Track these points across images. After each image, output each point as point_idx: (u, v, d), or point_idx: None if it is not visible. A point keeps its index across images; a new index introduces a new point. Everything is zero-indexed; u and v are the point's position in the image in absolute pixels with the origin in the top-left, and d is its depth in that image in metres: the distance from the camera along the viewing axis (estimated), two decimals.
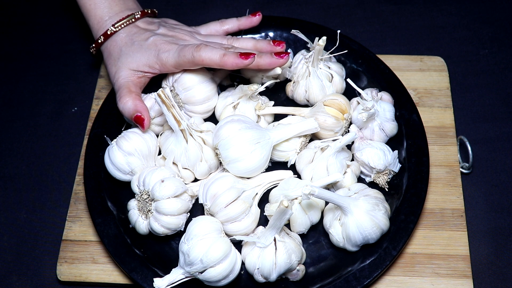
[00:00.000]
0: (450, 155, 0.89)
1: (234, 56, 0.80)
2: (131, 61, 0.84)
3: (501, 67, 1.01)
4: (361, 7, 1.10)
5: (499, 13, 1.07)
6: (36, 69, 1.04)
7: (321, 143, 0.82)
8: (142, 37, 0.85)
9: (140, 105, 0.82)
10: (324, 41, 0.83)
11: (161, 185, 0.76)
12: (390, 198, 0.82)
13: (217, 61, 0.81)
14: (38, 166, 0.94)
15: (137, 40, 0.85)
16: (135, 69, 0.85)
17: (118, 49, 0.86)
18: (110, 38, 0.87)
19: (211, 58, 0.81)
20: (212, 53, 0.80)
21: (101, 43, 0.87)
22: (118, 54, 0.85)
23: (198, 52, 0.81)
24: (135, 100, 0.82)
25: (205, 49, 0.81)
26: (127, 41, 0.85)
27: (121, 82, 0.84)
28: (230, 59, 0.80)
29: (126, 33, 0.86)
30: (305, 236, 0.80)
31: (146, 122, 0.82)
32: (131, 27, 0.87)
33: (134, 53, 0.84)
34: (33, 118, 0.99)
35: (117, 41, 0.86)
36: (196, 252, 0.72)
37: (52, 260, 0.85)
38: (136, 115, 0.82)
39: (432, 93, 0.95)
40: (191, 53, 0.81)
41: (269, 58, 0.82)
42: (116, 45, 0.86)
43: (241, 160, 0.78)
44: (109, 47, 0.87)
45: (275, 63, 0.83)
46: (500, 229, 0.86)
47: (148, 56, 0.84)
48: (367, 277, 0.76)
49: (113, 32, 0.86)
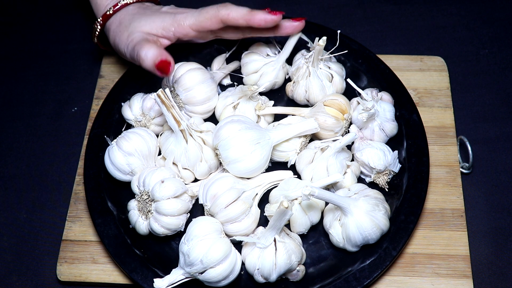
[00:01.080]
0: (450, 155, 0.89)
1: (263, 11, 0.80)
2: (144, 24, 0.83)
3: (501, 67, 1.01)
4: (361, 7, 1.09)
5: (499, 13, 1.07)
6: (36, 69, 1.04)
7: (321, 143, 0.82)
8: (155, 8, 0.86)
9: (165, 52, 0.80)
10: (324, 41, 0.83)
11: (161, 186, 0.76)
12: (390, 198, 0.82)
13: (245, 15, 0.80)
14: (38, 166, 0.94)
15: (150, 9, 0.85)
16: (149, 31, 0.83)
17: (129, 17, 0.85)
18: (120, 11, 0.86)
19: (238, 12, 0.80)
20: (239, 8, 0.81)
21: (110, 15, 0.86)
22: (130, 20, 0.84)
23: (224, 7, 0.81)
24: (159, 47, 0.81)
25: (231, 5, 0.81)
26: (139, 10, 0.85)
27: (137, 39, 0.83)
28: (258, 13, 0.80)
29: (137, 6, 0.86)
30: (305, 236, 0.80)
31: (172, 66, 0.80)
32: (140, 3, 0.87)
33: (149, 16, 0.84)
34: (33, 118, 0.99)
35: (128, 10, 0.86)
36: (196, 253, 0.72)
37: (52, 260, 0.85)
38: (162, 60, 0.79)
39: (432, 93, 0.95)
40: (215, 8, 0.81)
41: (262, 12, 0.81)
42: (127, 14, 0.85)
43: (241, 160, 0.78)
44: (119, 17, 0.86)
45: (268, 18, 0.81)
46: (500, 229, 0.86)
47: (163, 19, 0.83)
48: (367, 277, 0.76)
49: (123, 4, 0.86)
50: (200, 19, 0.82)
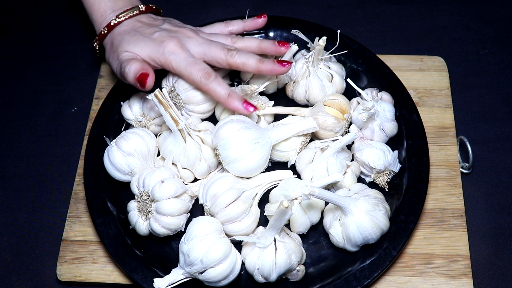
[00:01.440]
0: (450, 155, 0.89)
1: (271, 62, 0.81)
2: (134, 47, 0.83)
3: (501, 67, 1.01)
4: (361, 7, 1.10)
5: (499, 13, 1.07)
6: (36, 69, 1.04)
7: (321, 143, 0.82)
8: (147, 31, 0.85)
9: (147, 66, 0.81)
10: (324, 41, 0.83)
11: (161, 186, 0.76)
12: (390, 198, 0.82)
13: (254, 66, 0.81)
14: (38, 166, 0.94)
15: (142, 33, 0.84)
16: (138, 54, 0.83)
17: (120, 38, 0.85)
18: (113, 30, 0.86)
19: (247, 63, 0.81)
20: (247, 58, 0.81)
21: (105, 35, 0.87)
22: (120, 41, 0.84)
23: (233, 57, 0.81)
24: (142, 64, 0.81)
25: (239, 54, 0.82)
26: (131, 31, 0.85)
27: (125, 57, 0.83)
28: (267, 66, 0.81)
29: (130, 26, 0.86)
30: (305, 236, 0.80)
31: (150, 79, 0.80)
32: (135, 21, 0.86)
33: (138, 41, 0.83)
34: (33, 118, 0.99)
35: (121, 31, 0.85)
36: (196, 253, 0.72)
37: (52, 260, 0.85)
38: (141, 73, 0.80)
39: (432, 93, 0.95)
40: (224, 55, 0.82)
41: (271, 65, 0.82)
42: (119, 34, 0.85)
43: (241, 160, 0.78)
44: (112, 37, 0.86)
45: (277, 70, 0.82)
46: (500, 229, 0.86)
47: (152, 48, 0.83)
48: (367, 277, 0.76)
49: (116, 23, 0.86)
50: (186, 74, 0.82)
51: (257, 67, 0.81)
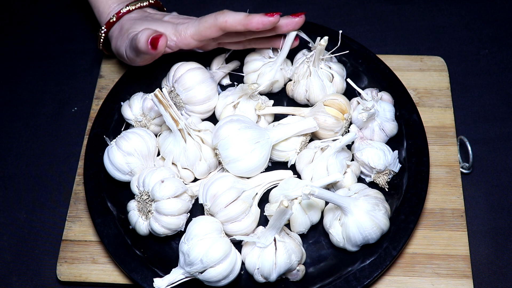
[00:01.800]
0: (450, 155, 0.89)
1: (259, 15, 0.81)
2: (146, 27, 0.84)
3: (501, 67, 1.01)
4: (361, 7, 1.10)
5: (499, 13, 1.07)
6: (36, 69, 1.04)
7: (321, 143, 0.82)
8: (156, 16, 0.87)
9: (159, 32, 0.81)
10: (326, 41, 0.83)
11: (161, 186, 0.76)
12: (390, 198, 0.82)
13: (242, 20, 0.81)
14: (38, 166, 0.94)
15: (152, 17, 0.86)
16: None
17: (131, 21, 0.86)
18: (122, 17, 0.87)
19: (235, 18, 0.81)
20: (236, 14, 0.81)
21: (113, 22, 0.87)
22: (131, 25, 0.86)
23: (222, 14, 0.81)
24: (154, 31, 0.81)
25: (228, 12, 0.81)
26: (141, 17, 0.86)
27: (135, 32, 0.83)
28: (255, 17, 0.81)
29: (139, 14, 0.87)
30: (305, 236, 0.80)
31: (163, 40, 0.79)
32: (143, 11, 0.88)
33: (150, 23, 0.85)
34: (33, 118, 0.99)
35: (130, 17, 0.87)
36: (196, 252, 0.72)
37: (52, 260, 0.85)
38: (154, 35, 0.80)
39: (432, 93, 0.95)
40: (213, 16, 0.82)
41: (258, 16, 0.81)
42: (129, 20, 0.86)
43: (241, 159, 0.78)
44: (122, 23, 0.87)
45: (266, 21, 0.81)
46: (500, 229, 0.86)
47: (165, 28, 0.84)
48: (367, 277, 0.76)
49: (125, 11, 0.87)
50: (200, 29, 0.83)
51: (245, 19, 0.81)
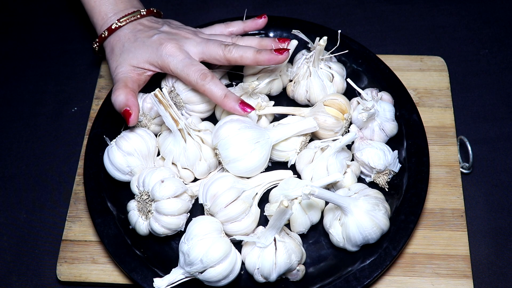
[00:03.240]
0: (450, 155, 0.89)
1: (269, 52, 0.81)
2: (132, 57, 0.84)
3: (501, 67, 1.01)
4: (361, 7, 1.10)
5: (499, 13, 1.07)
6: (36, 69, 1.04)
7: (321, 143, 0.82)
8: (146, 34, 0.85)
9: (132, 100, 0.81)
10: (325, 41, 0.83)
11: (161, 186, 0.76)
12: (390, 198, 0.82)
13: (252, 58, 0.81)
14: (38, 166, 0.94)
15: (141, 36, 0.85)
16: (135, 65, 0.84)
17: (120, 45, 0.85)
18: (114, 33, 0.86)
19: (244, 55, 0.81)
20: (244, 51, 0.81)
21: (105, 37, 0.87)
22: (120, 50, 0.85)
23: (230, 52, 0.81)
24: (128, 94, 0.82)
25: (236, 48, 0.81)
26: (130, 37, 0.85)
27: (119, 76, 0.84)
28: (265, 55, 0.81)
29: (130, 29, 0.86)
30: (305, 236, 0.80)
31: (133, 117, 0.81)
32: (136, 24, 0.87)
33: (136, 49, 0.84)
34: (33, 118, 0.99)
35: (121, 36, 0.86)
36: (196, 252, 0.72)
37: (52, 260, 0.85)
38: (125, 109, 0.81)
39: (432, 93, 0.95)
40: (222, 51, 0.82)
41: (268, 54, 0.81)
42: (119, 41, 0.86)
43: (241, 159, 0.78)
44: (112, 42, 0.86)
45: (275, 59, 0.81)
46: (500, 229, 0.86)
47: (150, 53, 0.83)
48: (367, 277, 0.76)
49: (117, 27, 0.86)
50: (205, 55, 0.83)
51: (255, 58, 0.81)
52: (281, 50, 0.81)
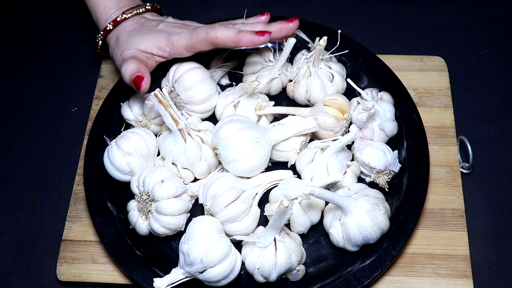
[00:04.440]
0: (450, 155, 0.89)
1: (250, 33, 0.80)
2: (139, 42, 0.84)
3: (501, 67, 1.01)
4: (361, 7, 1.10)
5: (499, 13, 1.07)
6: (36, 69, 1.04)
7: (321, 143, 0.82)
8: (151, 24, 0.86)
9: (144, 68, 0.81)
10: (325, 41, 0.83)
11: (161, 186, 0.76)
12: (390, 198, 0.82)
13: (232, 37, 0.80)
14: (38, 166, 0.94)
15: (147, 26, 0.85)
16: (143, 49, 0.84)
17: (126, 33, 0.86)
18: (119, 25, 0.87)
19: (226, 35, 0.80)
20: (227, 30, 0.80)
21: (110, 30, 0.87)
22: (126, 37, 0.85)
23: (213, 30, 0.81)
24: (139, 64, 0.81)
25: (219, 27, 0.81)
26: (136, 27, 0.86)
27: (127, 56, 0.84)
28: (245, 35, 0.80)
29: (135, 21, 0.87)
30: (305, 236, 0.80)
31: (145, 82, 0.80)
32: (140, 17, 0.87)
33: (144, 35, 0.84)
34: (33, 118, 0.99)
35: (126, 26, 0.86)
36: (196, 252, 0.72)
37: (52, 260, 0.85)
38: (137, 75, 0.80)
39: (432, 93, 0.95)
40: (205, 31, 0.81)
41: (248, 34, 0.80)
42: (125, 30, 0.86)
43: (241, 159, 0.78)
44: (118, 32, 0.87)
45: (256, 40, 0.80)
46: (500, 229, 0.86)
47: (158, 38, 0.83)
48: (367, 277, 0.76)
49: (122, 19, 0.86)
50: (191, 41, 0.82)
51: (235, 37, 0.80)
52: (262, 32, 0.80)
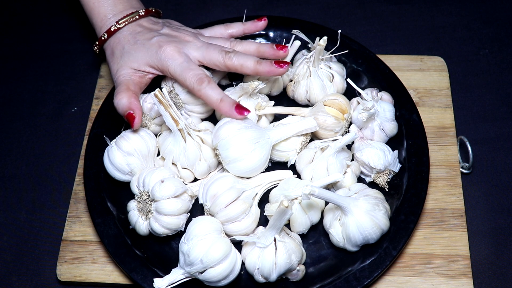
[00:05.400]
0: (450, 155, 0.89)
1: (269, 63, 0.81)
2: (132, 59, 0.84)
3: (501, 67, 1.01)
4: (361, 7, 1.10)
5: (499, 13, 1.07)
6: (36, 69, 1.04)
7: (321, 143, 0.82)
8: (145, 36, 0.85)
9: (135, 103, 0.82)
10: (325, 41, 0.83)
11: (161, 186, 0.76)
12: (390, 198, 0.82)
13: (252, 68, 0.82)
14: (38, 166, 0.94)
15: (141, 39, 0.85)
16: (136, 68, 0.85)
17: (120, 47, 0.85)
18: (113, 35, 0.86)
19: (244, 64, 0.82)
20: (244, 60, 0.82)
21: (105, 40, 0.87)
22: (120, 52, 0.85)
23: (231, 60, 0.82)
24: (131, 97, 0.82)
25: (237, 56, 0.82)
26: (130, 39, 0.85)
27: (121, 79, 0.84)
28: (265, 67, 0.81)
29: (130, 31, 0.86)
30: (305, 236, 0.80)
31: (137, 121, 0.81)
32: (135, 25, 0.87)
33: (137, 52, 0.84)
34: (33, 118, 0.99)
35: (120, 38, 0.86)
36: (196, 252, 0.72)
37: (52, 260, 0.85)
38: (128, 113, 0.81)
39: (432, 93, 0.95)
40: (222, 57, 0.82)
41: (268, 66, 0.82)
42: (119, 43, 0.86)
43: (241, 159, 0.78)
44: (112, 44, 0.86)
45: (274, 71, 0.82)
46: (500, 229, 0.86)
47: (150, 56, 0.83)
48: (367, 277, 0.76)
49: (116, 28, 0.86)
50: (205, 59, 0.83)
51: (255, 68, 0.82)
52: (281, 63, 0.82)
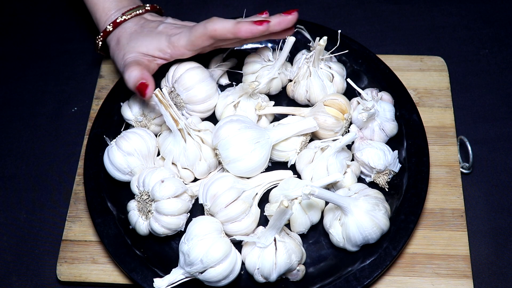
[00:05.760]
0: (450, 155, 0.89)
1: (248, 23, 0.80)
2: (141, 45, 0.84)
3: (501, 67, 1.01)
4: (361, 7, 1.10)
5: (499, 13, 1.07)
6: (36, 69, 1.04)
7: (321, 143, 0.82)
8: (151, 25, 0.86)
9: (147, 74, 0.81)
10: (325, 41, 0.83)
11: (161, 186, 0.76)
12: (390, 198, 0.82)
13: (230, 28, 0.80)
14: (38, 166, 0.94)
15: (147, 27, 0.85)
16: (145, 52, 0.84)
17: (127, 35, 0.85)
18: (119, 26, 0.87)
19: (224, 26, 0.80)
20: (224, 22, 0.80)
21: (109, 32, 0.87)
22: (127, 39, 0.85)
23: (211, 23, 0.80)
24: (142, 70, 0.81)
25: (217, 20, 0.80)
26: (137, 29, 0.86)
27: (130, 60, 0.83)
28: (244, 25, 0.80)
29: (135, 22, 0.87)
30: (305, 236, 0.80)
31: (150, 89, 0.80)
32: (139, 18, 0.87)
33: (145, 37, 0.84)
34: (33, 118, 0.99)
35: (126, 28, 0.86)
36: (196, 252, 0.72)
37: (52, 260, 0.85)
38: (141, 82, 0.80)
39: (432, 93, 0.95)
40: (203, 25, 0.81)
41: (247, 24, 0.80)
42: (125, 32, 0.86)
43: (241, 159, 0.78)
44: (118, 34, 0.86)
45: (254, 30, 0.80)
46: (500, 229, 0.86)
47: (159, 40, 0.83)
48: (367, 277, 0.76)
49: (122, 20, 0.86)
50: (191, 39, 0.82)
51: (234, 27, 0.80)
52: (261, 21, 0.80)
